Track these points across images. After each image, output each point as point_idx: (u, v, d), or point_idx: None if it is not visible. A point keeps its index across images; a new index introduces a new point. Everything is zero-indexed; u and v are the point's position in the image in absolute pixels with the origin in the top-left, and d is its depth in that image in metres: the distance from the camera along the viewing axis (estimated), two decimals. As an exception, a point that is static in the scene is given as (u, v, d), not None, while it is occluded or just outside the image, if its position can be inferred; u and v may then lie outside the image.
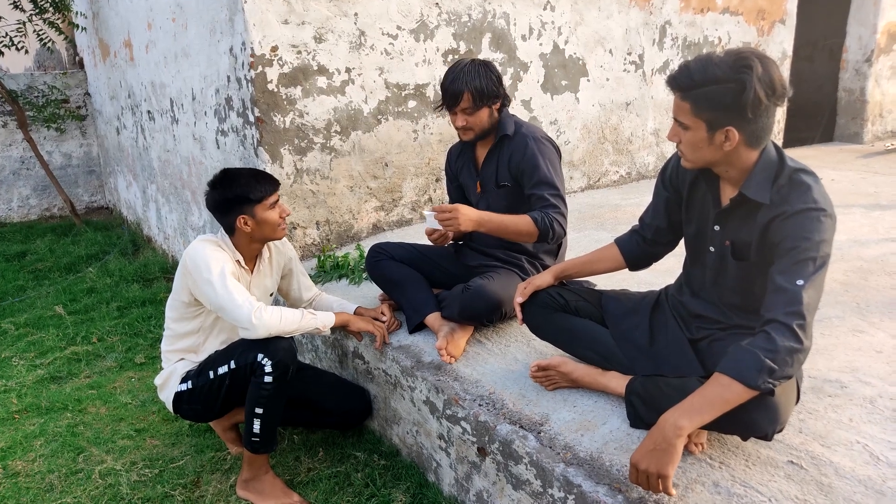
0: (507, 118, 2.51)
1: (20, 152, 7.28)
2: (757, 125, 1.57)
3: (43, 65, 9.66)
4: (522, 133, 2.48)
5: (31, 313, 4.57)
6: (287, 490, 2.40)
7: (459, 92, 2.36)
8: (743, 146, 1.61)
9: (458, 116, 2.42)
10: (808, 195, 1.57)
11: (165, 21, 4.41)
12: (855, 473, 1.59)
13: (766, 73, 1.51)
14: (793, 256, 1.53)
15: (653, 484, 1.49)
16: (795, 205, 1.57)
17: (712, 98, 1.55)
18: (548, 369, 2.06)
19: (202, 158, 4.35)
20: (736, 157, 1.63)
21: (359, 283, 3.21)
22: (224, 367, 2.35)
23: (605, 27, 4.73)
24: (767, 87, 1.51)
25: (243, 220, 2.37)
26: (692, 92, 1.57)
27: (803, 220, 1.55)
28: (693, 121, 1.60)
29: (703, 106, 1.57)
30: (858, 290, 2.73)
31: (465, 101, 2.37)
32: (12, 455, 2.77)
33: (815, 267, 1.52)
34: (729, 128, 1.57)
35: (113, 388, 3.41)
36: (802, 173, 1.62)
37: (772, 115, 1.58)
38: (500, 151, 2.52)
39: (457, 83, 2.36)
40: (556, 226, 2.33)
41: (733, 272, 1.77)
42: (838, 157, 6.16)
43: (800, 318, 1.48)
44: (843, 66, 6.97)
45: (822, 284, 1.54)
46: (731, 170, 1.67)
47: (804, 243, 1.53)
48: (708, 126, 1.59)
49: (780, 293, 1.51)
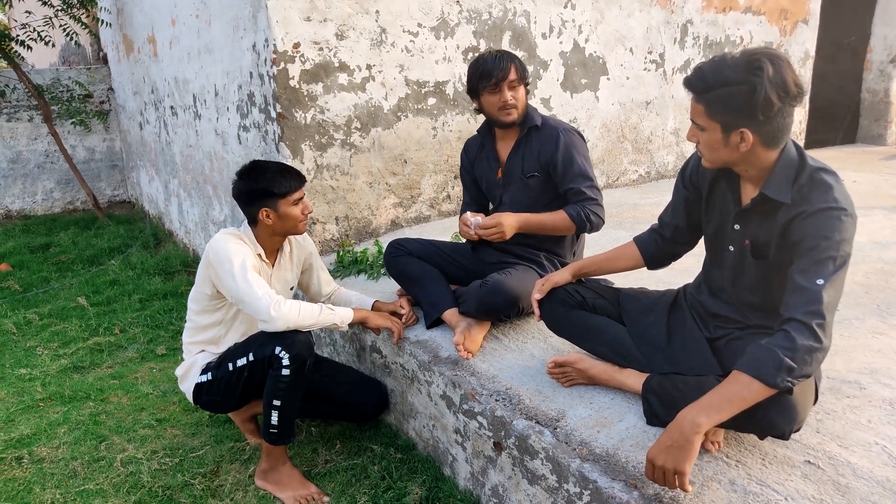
0: (533, 111, 2.53)
1: (45, 146, 7.40)
2: (771, 126, 1.57)
3: (68, 60, 9.80)
4: (551, 125, 2.50)
5: (55, 304, 4.65)
6: (304, 481, 2.44)
7: (507, 63, 2.39)
8: (759, 146, 1.61)
9: (505, 92, 2.41)
10: (828, 194, 1.57)
11: (189, 17, 4.47)
12: (873, 474, 1.58)
13: (778, 75, 1.52)
14: (813, 256, 1.53)
15: (669, 480, 1.50)
16: (816, 204, 1.57)
17: (725, 100, 1.56)
18: (564, 366, 2.07)
19: (224, 154, 4.40)
20: (754, 157, 1.63)
21: (377, 278, 3.24)
22: (243, 360, 2.38)
23: (626, 26, 4.72)
24: (779, 89, 1.51)
25: (265, 212, 2.40)
26: (706, 94, 1.59)
27: (824, 219, 1.54)
28: (708, 122, 1.61)
29: (716, 108, 1.58)
30: (879, 292, 2.71)
31: (513, 73, 2.40)
32: (37, 441, 2.83)
33: (836, 266, 1.51)
34: (743, 129, 1.57)
35: (134, 379, 3.46)
36: (823, 172, 1.61)
37: (788, 115, 1.58)
38: (527, 142, 2.53)
39: (502, 59, 2.39)
40: (592, 218, 2.42)
41: (752, 272, 1.77)
42: (861, 158, 6.09)
43: (819, 318, 1.48)
44: (867, 66, 6.89)
45: (842, 284, 1.53)
46: (751, 169, 1.67)
47: (824, 242, 1.52)
48: (723, 128, 1.59)
49: (800, 292, 1.51)
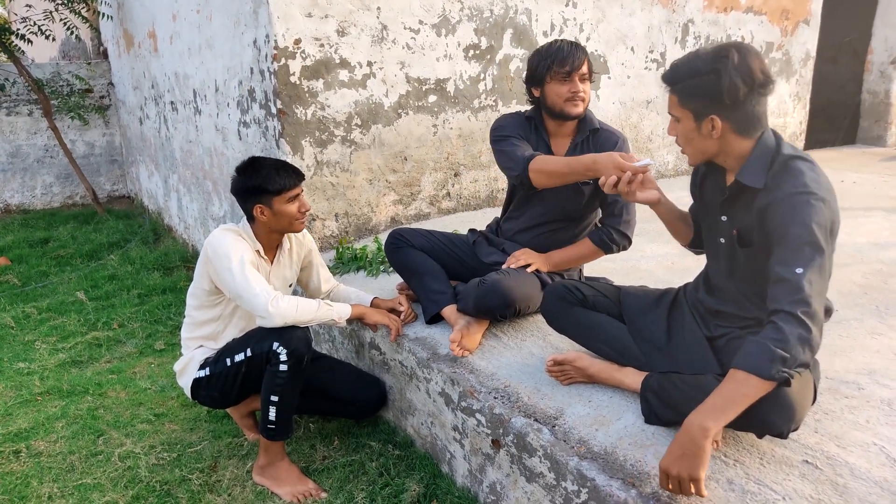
0: (591, 113, 2.49)
1: (44, 140, 7.39)
2: (741, 112, 1.64)
3: (68, 55, 9.78)
4: (609, 131, 2.48)
5: (54, 299, 4.65)
6: (302, 477, 2.44)
7: (581, 55, 2.35)
8: (731, 134, 1.67)
9: (577, 82, 2.36)
10: (798, 179, 1.59)
11: (190, 12, 4.46)
12: (871, 474, 1.58)
13: (743, 62, 1.59)
14: (787, 244, 1.54)
15: (685, 489, 1.49)
16: (786, 189, 1.59)
17: (695, 89, 1.65)
18: (563, 364, 2.07)
19: (224, 149, 4.40)
20: (728, 145, 1.69)
21: (376, 275, 3.24)
22: (241, 355, 2.38)
23: (628, 24, 4.71)
24: (745, 75, 1.59)
25: (260, 209, 2.40)
26: (678, 85, 1.69)
27: (794, 204, 1.56)
28: (681, 112, 1.70)
29: (687, 97, 1.67)
30: (878, 293, 2.71)
31: (586, 66, 2.37)
32: (35, 435, 2.83)
33: (812, 252, 1.52)
34: (713, 116, 1.64)
35: (133, 374, 3.46)
36: (797, 159, 1.64)
37: (758, 103, 1.65)
38: (584, 147, 2.47)
39: (577, 48, 2.35)
40: (615, 237, 2.45)
41: (743, 261, 1.78)
42: (860, 159, 6.09)
43: (804, 305, 1.48)
44: (868, 67, 6.89)
45: (823, 268, 1.53)
46: (729, 159, 1.73)
47: (797, 229, 1.54)
48: (695, 116, 1.67)
49: (782, 283, 1.52)
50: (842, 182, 4.96)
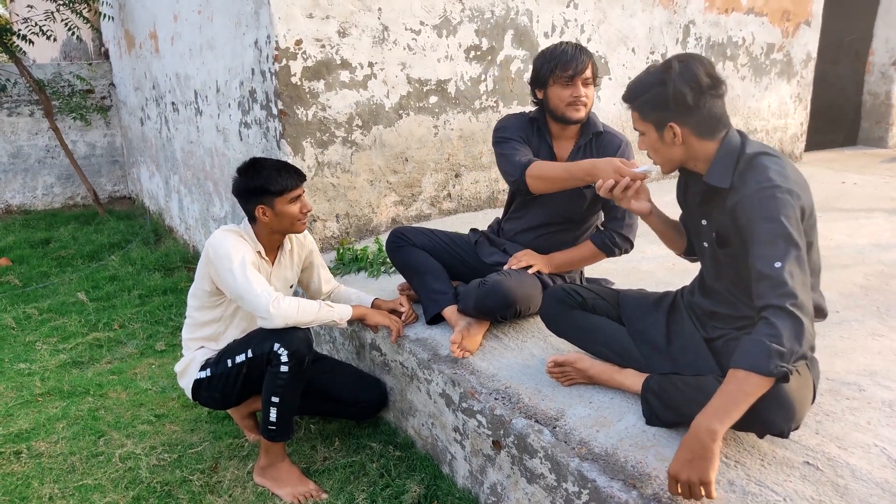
0: (595, 116, 2.48)
1: (45, 141, 7.39)
2: (697, 116, 1.69)
3: (69, 55, 9.79)
4: (613, 135, 2.47)
5: (55, 299, 4.65)
6: (303, 478, 2.44)
7: (586, 59, 2.33)
8: (693, 138, 1.72)
9: (579, 87, 2.34)
10: (763, 175, 1.61)
11: (191, 13, 4.46)
12: (872, 476, 1.58)
13: (687, 70, 1.66)
14: (761, 240, 1.56)
15: (695, 493, 1.49)
16: (751, 186, 1.62)
17: (649, 102, 1.73)
18: (564, 365, 2.08)
19: (225, 150, 4.40)
20: (692, 149, 1.74)
21: (377, 276, 3.24)
22: (241, 356, 2.38)
23: (629, 25, 4.72)
24: (690, 81, 1.66)
25: (262, 210, 2.40)
26: (635, 101, 1.78)
27: (759, 199, 1.58)
28: (644, 126, 1.78)
29: (644, 111, 1.76)
30: (879, 294, 2.71)
31: (590, 71, 2.35)
32: (35, 436, 2.83)
33: (787, 245, 1.52)
34: (671, 123, 1.70)
35: (134, 374, 3.46)
36: (762, 156, 1.66)
37: (713, 105, 1.70)
38: (588, 150, 2.45)
39: (581, 52, 2.34)
40: (617, 240, 2.46)
41: (725, 261, 1.80)
42: (861, 161, 6.09)
43: (791, 298, 1.48)
44: (869, 69, 6.89)
45: (801, 259, 1.53)
46: (698, 163, 1.77)
47: (766, 224, 1.55)
48: (655, 127, 1.74)
49: (764, 280, 1.53)
50: (843, 183, 4.96)
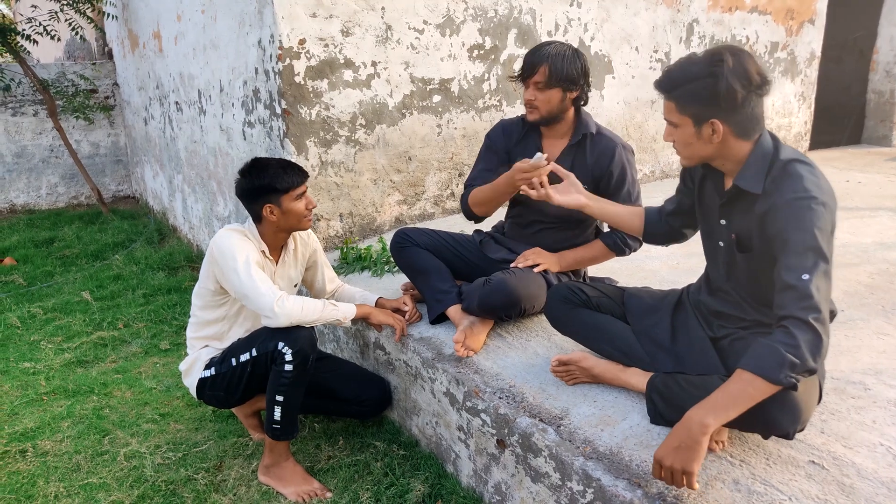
0: (587, 117, 2.47)
1: (49, 141, 7.41)
2: (741, 115, 1.63)
3: (73, 55, 9.81)
4: (608, 137, 2.46)
5: (59, 298, 4.66)
6: (307, 477, 2.44)
7: (538, 63, 2.32)
8: (732, 138, 1.66)
9: (530, 89, 2.36)
10: (798, 184, 1.57)
11: (195, 13, 4.47)
12: (878, 475, 1.58)
13: (740, 65, 1.58)
14: (791, 249, 1.53)
15: (677, 480, 1.49)
16: (786, 194, 1.58)
17: (693, 94, 1.63)
18: (568, 364, 2.07)
19: (229, 149, 4.41)
20: (727, 149, 1.68)
21: (381, 275, 3.24)
22: (246, 355, 2.39)
23: (632, 24, 4.71)
24: (742, 78, 1.58)
25: (269, 209, 2.40)
26: (675, 91, 1.67)
27: (794, 210, 1.55)
28: (680, 118, 1.68)
29: (686, 103, 1.66)
30: (884, 293, 2.71)
31: (540, 75, 2.32)
32: (41, 435, 2.84)
33: (816, 257, 1.51)
34: (713, 120, 1.63)
35: (138, 373, 3.47)
36: (797, 163, 1.62)
37: (756, 105, 1.63)
38: (580, 150, 2.46)
39: (538, 55, 2.33)
40: (628, 240, 2.47)
41: (742, 265, 1.78)
42: (866, 159, 6.07)
43: (815, 312, 1.47)
44: (873, 67, 6.87)
45: (828, 273, 1.52)
46: (727, 163, 1.72)
47: (799, 234, 1.53)
48: (694, 121, 1.66)
49: (789, 290, 1.51)
50: (847, 182, 4.95)
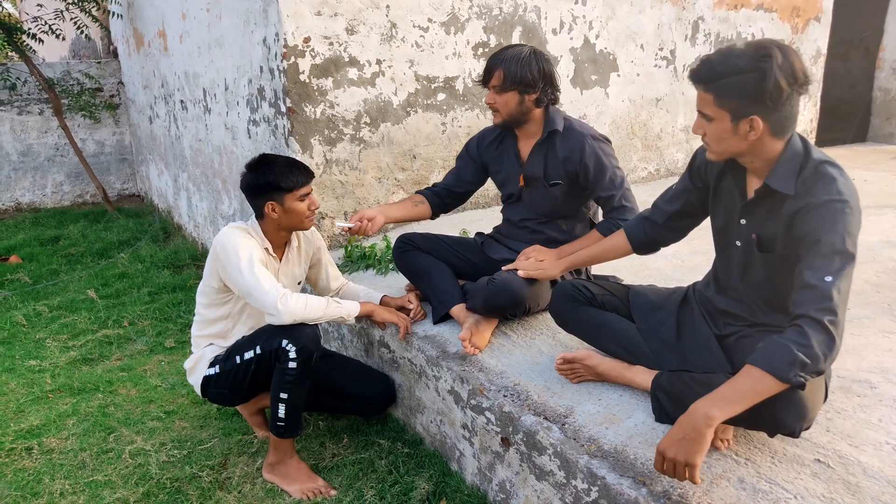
0: (556, 114, 2.49)
1: (55, 139, 7.43)
2: (781, 114, 1.58)
3: (78, 54, 9.84)
4: (577, 131, 2.46)
5: (65, 296, 4.68)
6: (312, 474, 2.44)
7: (492, 67, 2.39)
8: (768, 136, 1.61)
9: (490, 93, 2.42)
10: (832, 186, 1.56)
11: (200, 11, 4.47)
12: (883, 474, 1.57)
13: (787, 62, 1.54)
14: (819, 250, 1.52)
15: (679, 472, 1.49)
16: (819, 196, 1.56)
17: (735, 88, 1.56)
18: (573, 362, 2.07)
19: (233, 148, 4.41)
20: (761, 147, 1.63)
21: (385, 273, 3.24)
22: (250, 353, 2.39)
23: (637, 22, 4.70)
24: (789, 75, 1.53)
25: (271, 206, 2.40)
26: (715, 83, 1.59)
27: (827, 212, 1.54)
28: (717, 112, 1.61)
29: (726, 96, 1.58)
30: (890, 291, 2.69)
31: (496, 79, 2.38)
32: (46, 432, 2.85)
33: (842, 261, 1.50)
34: (753, 117, 1.57)
35: (143, 371, 3.48)
36: (828, 165, 1.61)
37: (795, 104, 1.59)
38: (548, 147, 2.50)
39: (495, 59, 2.39)
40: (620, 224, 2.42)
41: (759, 266, 1.76)
42: (872, 157, 6.05)
43: (832, 314, 1.46)
44: (879, 65, 6.84)
45: (850, 278, 1.52)
46: (757, 160, 1.67)
47: (829, 236, 1.51)
48: (732, 116, 1.60)
49: (810, 289, 1.50)
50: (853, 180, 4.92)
